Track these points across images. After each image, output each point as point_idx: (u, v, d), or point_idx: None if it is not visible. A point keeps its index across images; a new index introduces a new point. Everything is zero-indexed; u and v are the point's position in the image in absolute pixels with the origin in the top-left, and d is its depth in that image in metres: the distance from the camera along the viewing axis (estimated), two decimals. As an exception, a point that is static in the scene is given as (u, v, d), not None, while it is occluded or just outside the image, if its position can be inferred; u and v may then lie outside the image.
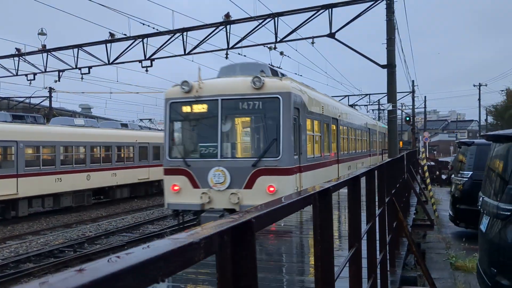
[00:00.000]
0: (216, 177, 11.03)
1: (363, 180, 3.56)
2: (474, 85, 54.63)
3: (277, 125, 10.88)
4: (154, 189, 27.28)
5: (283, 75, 13.81)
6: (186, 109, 11.64)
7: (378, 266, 4.39)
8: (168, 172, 11.55)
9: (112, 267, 0.79)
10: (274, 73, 13.26)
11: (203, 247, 1.03)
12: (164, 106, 11.80)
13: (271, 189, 10.74)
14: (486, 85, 65.72)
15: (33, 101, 37.22)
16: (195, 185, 11.18)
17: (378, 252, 4.44)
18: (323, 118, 14.09)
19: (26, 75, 24.93)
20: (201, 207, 11.06)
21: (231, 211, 10.61)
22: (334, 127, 15.71)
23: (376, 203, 4.52)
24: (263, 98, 10.99)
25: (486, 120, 60.57)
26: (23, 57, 23.99)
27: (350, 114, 19.70)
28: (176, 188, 11.32)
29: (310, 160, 12.29)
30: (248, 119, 11.79)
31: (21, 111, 32.69)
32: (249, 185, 10.86)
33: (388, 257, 5.35)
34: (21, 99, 37.16)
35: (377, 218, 4.37)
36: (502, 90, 55.82)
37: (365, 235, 3.78)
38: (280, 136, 10.83)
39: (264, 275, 4.92)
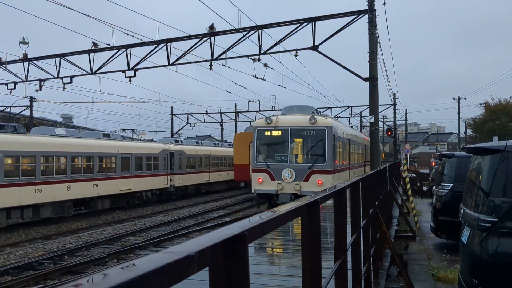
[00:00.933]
0: (286, 174, 18.09)
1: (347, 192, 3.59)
2: (454, 98, 55.54)
3: (324, 145, 18.14)
4: (136, 200, 26.96)
5: (320, 113, 21.85)
6: (267, 133, 18.99)
7: (363, 278, 4.40)
8: (255, 170, 18.87)
9: (108, 282, 0.79)
10: (317, 111, 20.97)
11: (197, 260, 1.03)
12: (253, 131, 19.56)
13: (319, 182, 17.56)
14: (465, 99, 67.10)
15: (13, 110, 36.74)
16: (273, 179, 18.27)
17: (362, 264, 4.46)
18: (343, 140, 21.06)
19: (6, 84, 24.61)
20: (276, 192, 18.21)
21: (295, 195, 17.45)
22: (347, 145, 22.41)
23: (361, 215, 4.55)
24: (315, 129, 18.32)
25: (465, 133, 61.56)
26: (4, 65, 23.69)
27: (356, 135, 27.85)
28: (260, 180, 18.49)
29: (338, 166, 19.43)
30: (306, 140, 18.71)
31: (1, 120, 32.15)
32: (306, 179, 17.96)
33: (372, 269, 5.38)
34: (1, 108, 36.61)
35: (361, 230, 4.39)
36: (481, 104, 56.78)
37: (350, 247, 3.80)
38: (325, 151, 18.11)
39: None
